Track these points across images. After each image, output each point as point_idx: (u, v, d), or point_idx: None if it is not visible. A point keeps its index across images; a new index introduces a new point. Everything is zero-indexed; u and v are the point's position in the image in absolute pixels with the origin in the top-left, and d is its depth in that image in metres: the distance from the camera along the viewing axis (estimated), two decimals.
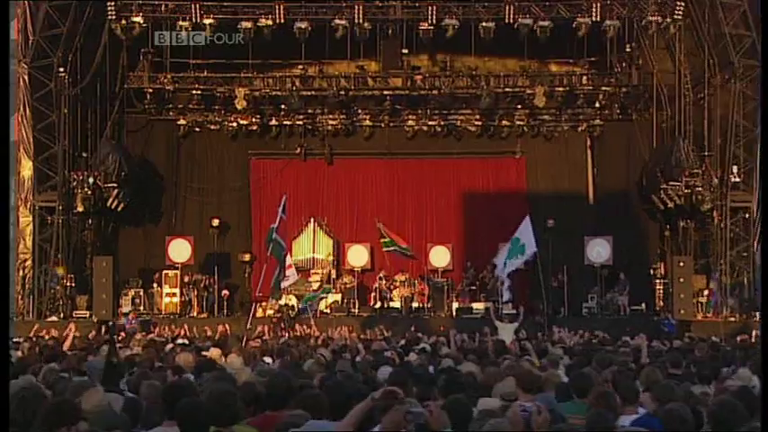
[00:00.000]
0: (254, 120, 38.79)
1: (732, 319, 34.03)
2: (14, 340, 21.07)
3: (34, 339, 22.50)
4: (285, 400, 8.31)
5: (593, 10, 34.24)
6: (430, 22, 34.34)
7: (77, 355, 14.58)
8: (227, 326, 29.03)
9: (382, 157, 39.65)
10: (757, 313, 33.03)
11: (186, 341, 22.02)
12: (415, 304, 36.72)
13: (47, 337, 25.04)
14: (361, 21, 34.21)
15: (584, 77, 37.93)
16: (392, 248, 35.81)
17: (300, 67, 38.01)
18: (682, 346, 20.63)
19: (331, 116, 38.91)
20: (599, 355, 14.70)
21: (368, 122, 39.23)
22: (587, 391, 8.97)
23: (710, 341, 23.14)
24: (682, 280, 34.86)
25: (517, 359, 14.24)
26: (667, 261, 37.91)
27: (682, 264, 35.22)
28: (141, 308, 35.70)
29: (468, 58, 37.68)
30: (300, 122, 38.88)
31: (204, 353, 15.91)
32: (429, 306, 36.71)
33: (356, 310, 36.41)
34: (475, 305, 36.42)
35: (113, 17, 33.76)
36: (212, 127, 39.09)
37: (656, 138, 38.04)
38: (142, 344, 20.63)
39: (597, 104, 38.21)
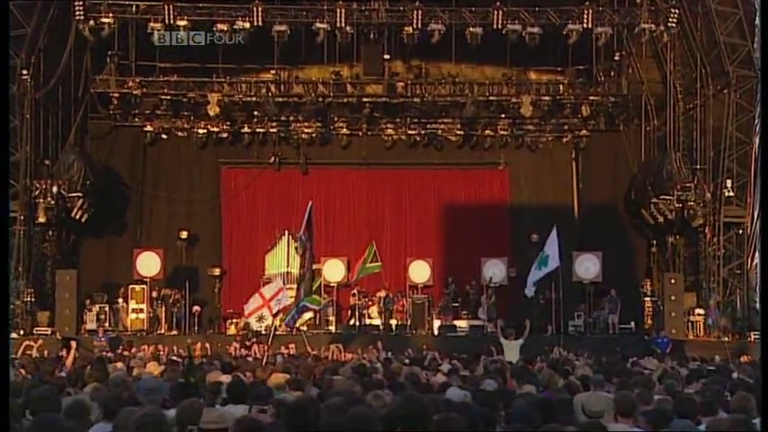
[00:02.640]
0: (225, 127, 37.18)
1: (726, 339, 32.74)
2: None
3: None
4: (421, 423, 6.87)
5: (585, 17, 32.82)
6: (415, 26, 32.78)
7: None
8: (206, 344, 27.39)
9: (359, 167, 38.05)
10: (752, 333, 31.96)
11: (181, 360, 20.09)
12: (393, 321, 35.11)
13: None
14: (343, 24, 32.58)
15: (571, 87, 36.53)
16: (367, 273, 34.06)
17: (273, 71, 36.26)
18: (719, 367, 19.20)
19: (306, 124, 37.33)
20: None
21: (345, 131, 37.71)
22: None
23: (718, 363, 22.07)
24: (673, 298, 33.59)
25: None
26: (653, 278, 36.78)
27: (673, 281, 33.92)
28: (107, 324, 33.68)
29: (450, 66, 36.22)
30: (274, 130, 37.28)
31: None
32: (409, 323, 35.11)
33: (332, 328, 34.80)
34: (458, 323, 35.03)
35: (81, 17, 31.86)
36: (180, 134, 37.36)
37: (644, 150, 36.79)
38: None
39: (583, 114, 36.84)
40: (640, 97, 36.37)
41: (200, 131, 37.11)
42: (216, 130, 37.12)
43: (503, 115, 37.23)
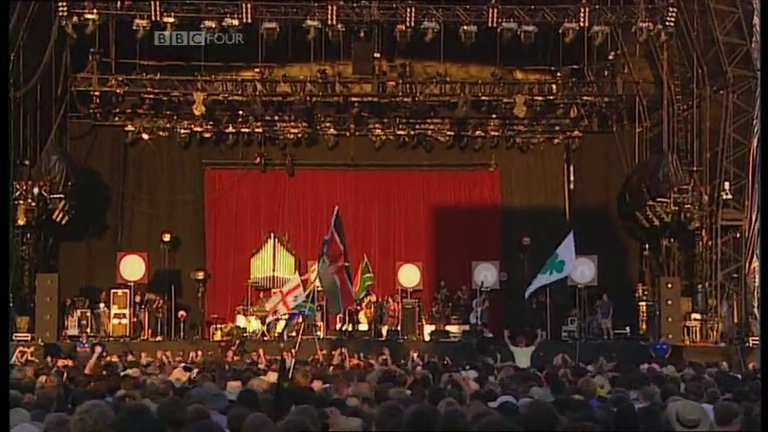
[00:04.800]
0: (208, 126, 36.20)
1: (722, 344, 32.13)
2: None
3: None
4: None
5: (582, 15, 32.12)
6: (408, 24, 31.94)
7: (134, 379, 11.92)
8: (198, 351, 26.54)
9: (347, 168, 37.21)
10: (750, 339, 31.37)
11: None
12: (384, 327, 34.27)
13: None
14: (334, 22, 31.70)
15: (564, 87, 35.85)
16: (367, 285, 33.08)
17: (257, 70, 35.32)
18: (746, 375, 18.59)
19: (292, 124, 36.46)
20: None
21: (332, 131, 36.82)
22: None
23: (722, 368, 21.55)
24: (669, 302, 32.99)
25: None
26: (646, 281, 36.16)
27: (669, 285, 33.30)
28: (88, 330, 32.64)
29: (440, 65, 35.41)
30: (259, 130, 36.39)
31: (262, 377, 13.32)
32: (399, 329, 34.26)
33: (320, 333, 33.86)
34: (449, 328, 34.27)
35: (64, 13, 30.79)
36: (162, 134, 36.36)
37: (637, 151, 36.12)
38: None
39: (576, 115, 36.18)
40: (633, 98, 35.72)
41: (183, 131, 36.16)
42: (199, 129, 36.20)
43: (493, 115, 36.52)
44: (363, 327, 34.35)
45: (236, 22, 31.47)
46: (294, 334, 30.29)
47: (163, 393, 10.17)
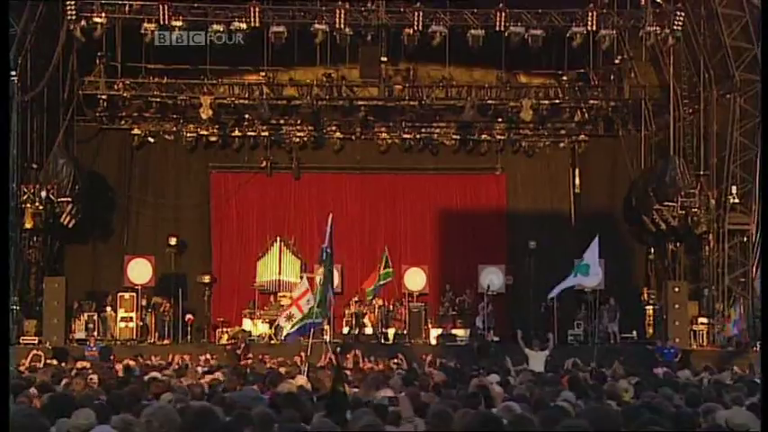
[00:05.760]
0: (214, 130, 36.16)
1: (730, 348, 32.13)
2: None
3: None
4: None
5: (589, 19, 32.13)
6: (416, 28, 31.94)
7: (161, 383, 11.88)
8: (208, 355, 26.49)
9: (353, 171, 37.21)
10: (758, 342, 31.32)
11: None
12: (390, 330, 34.24)
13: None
14: (342, 26, 31.68)
15: (570, 91, 35.85)
16: (384, 282, 32.97)
17: (263, 74, 35.30)
18: None
19: (299, 127, 36.41)
20: None
21: (338, 134, 36.78)
22: None
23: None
24: (677, 306, 33.04)
25: None
26: (651, 285, 36.17)
27: (677, 289, 33.35)
28: (95, 333, 32.58)
29: (446, 69, 35.40)
30: (265, 133, 36.33)
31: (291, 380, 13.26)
32: (406, 332, 34.22)
33: (328, 337, 33.80)
34: (456, 331, 34.24)
35: (73, 17, 30.76)
36: (168, 137, 36.31)
37: (643, 155, 36.12)
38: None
39: (581, 119, 36.20)
40: (639, 102, 35.75)
41: (189, 135, 36.12)
42: (205, 133, 36.16)
43: (499, 119, 36.51)
44: (368, 330, 34.31)
45: (243, 26, 31.46)
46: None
47: (196, 397, 10.12)
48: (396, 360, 24.77)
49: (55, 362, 26.72)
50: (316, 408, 9.02)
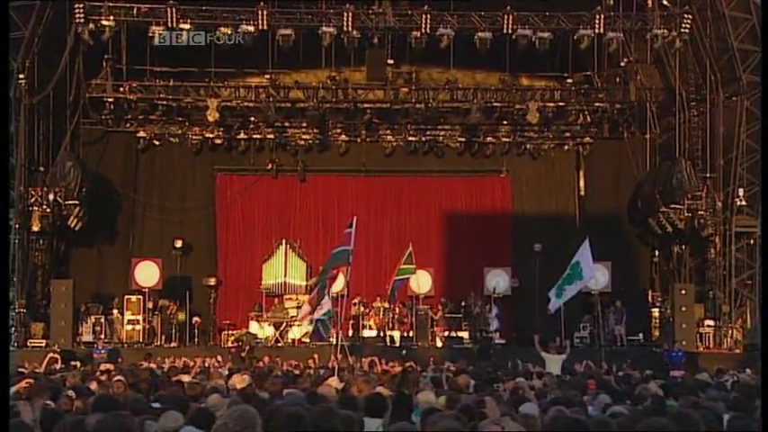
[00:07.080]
0: (220, 132, 36.15)
1: (737, 350, 32.20)
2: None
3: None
4: None
5: (597, 22, 32.18)
6: (423, 30, 31.96)
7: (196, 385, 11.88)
8: (218, 357, 26.47)
9: (358, 174, 37.22)
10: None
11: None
12: (396, 333, 34.23)
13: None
14: (350, 28, 31.69)
15: (576, 93, 35.90)
16: (404, 277, 32.82)
17: (268, 76, 35.31)
18: None
19: (304, 130, 36.42)
20: None
21: (343, 137, 36.81)
22: None
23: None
24: (683, 309, 33.02)
25: None
26: (656, 288, 36.19)
27: (684, 292, 33.32)
28: (102, 336, 32.53)
29: (451, 71, 35.44)
30: (271, 136, 36.35)
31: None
32: (411, 335, 34.21)
33: (334, 339, 33.77)
34: (461, 334, 34.23)
35: (81, 20, 30.74)
36: (174, 140, 36.29)
37: (649, 157, 36.15)
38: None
39: (587, 121, 36.26)
40: (644, 104, 35.78)
41: (195, 137, 36.11)
42: (211, 136, 36.15)
43: (504, 122, 36.54)
44: (372, 333, 34.28)
45: (251, 29, 31.43)
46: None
47: (246, 399, 10.09)
48: (409, 364, 24.77)
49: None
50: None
